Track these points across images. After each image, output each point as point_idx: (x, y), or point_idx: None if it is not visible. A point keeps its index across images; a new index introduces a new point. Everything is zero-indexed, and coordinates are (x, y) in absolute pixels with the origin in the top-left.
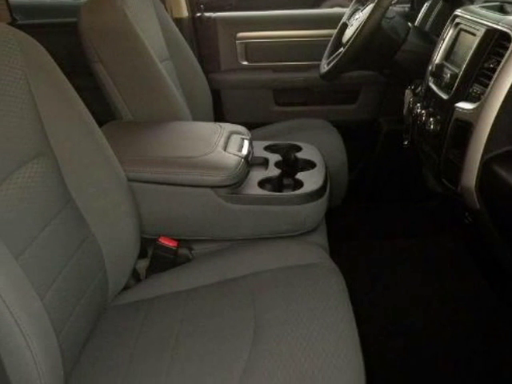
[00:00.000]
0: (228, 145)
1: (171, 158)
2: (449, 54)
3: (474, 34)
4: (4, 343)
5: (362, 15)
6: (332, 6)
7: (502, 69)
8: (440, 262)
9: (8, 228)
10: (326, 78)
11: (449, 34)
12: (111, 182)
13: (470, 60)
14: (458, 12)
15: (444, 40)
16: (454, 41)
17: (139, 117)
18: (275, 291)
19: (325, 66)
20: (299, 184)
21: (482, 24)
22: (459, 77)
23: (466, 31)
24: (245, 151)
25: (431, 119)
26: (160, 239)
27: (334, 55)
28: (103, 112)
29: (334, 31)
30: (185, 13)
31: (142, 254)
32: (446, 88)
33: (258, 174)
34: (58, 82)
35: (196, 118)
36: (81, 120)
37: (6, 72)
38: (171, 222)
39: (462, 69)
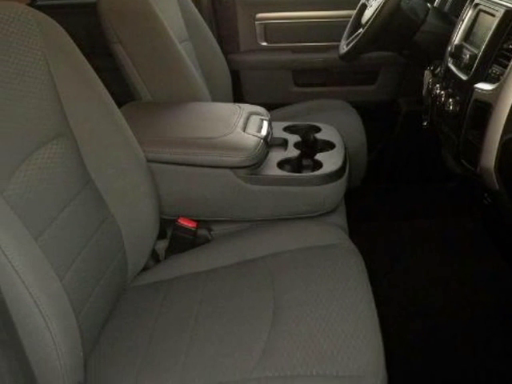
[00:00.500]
0: (247, 125)
1: (190, 138)
2: (468, 34)
3: (493, 15)
4: (23, 324)
5: None
6: None
7: None
8: (459, 242)
9: (27, 209)
10: (345, 58)
11: (468, 14)
12: (130, 163)
13: (489, 41)
14: None
15: (463, 21)
16: (473, 22)
17: (158, 97)
18: (294, 272)
19: (344, 47)
20: (318, 165)
21: (501, 5)
22: (478, 58)
23: (485, 12)
24: (264, 132)
25: (450, 100)
26: (179, 220)
27: (353, 36)
28: (122, 93)
29: (353, 12)
30: None
31: (161, 235)
32: (465, 69)
33: (277, 155)
34: (78, 62)
35: (215, 99)
36: (100, 101)
37: (25, 53)
38: (190, 203)
39: (481, 50)
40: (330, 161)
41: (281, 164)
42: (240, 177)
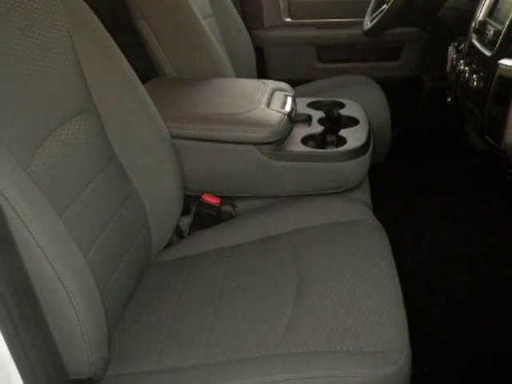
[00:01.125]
0: (271, 101)
1: (214, 114)
2: (492, 10)
3: None
4: (47, 300)
5: None
6: None
7: None
8: (483, 218)
9: (51, 185)
10: (370, 34)
11: None
12: (154, 139)
13: None
14: None
15: None
16: None
17: (182, 73)
18: (318, 248)
19: (368, 23)
20: (342, 141)
21: None
22: (502, 33)
23: None
24: (288, 108)
25: (474, 76)
26: (203, 196)
27: (378, 12)
28: (146, 69)
29: None
30: None
31: (185, 211)
32: (489, 45)
33: (301, 131)
34: (102, 38)
35: (239, 75)
36: (124, 77)
37: (49, 29)
38: (214, 179)
39: (506, 25)
40: (354, 137)
41: (305, 140)
42: (264, 153)
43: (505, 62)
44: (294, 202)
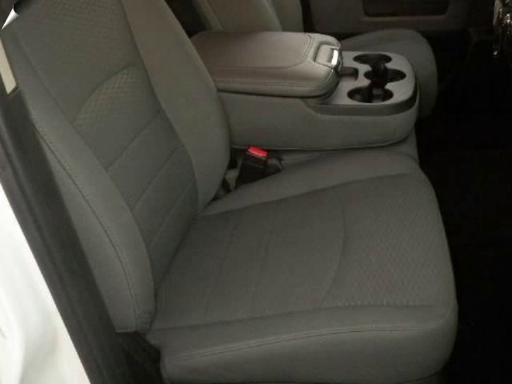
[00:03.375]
0: (318, 55)
1: (261, 68)
2: None
3: None
4: (94, 254)
5: None
6: None
7: None
8: None
9: (98, 138)
10: None
11: None
12: (201, 93)
13: None
14: None
15: None
16: None
17: (229, 27)
18: (365, 201)
19: None
20: (389, 94)
21: None
22: None
23: None
24: (334, 61)
25: None
26: (250, 149)
27: None
28: (193, 22)
29: None
30: None
31: (232, 165)
32: None
33: (347, 85)
34: None
35: (285, 29)
36: (170, 30)
37: None
38: (261, 133)
39: None
40: (400, 90)
41: (351, 93)
42: (310, 106)
43: None
44: (341, 156)
